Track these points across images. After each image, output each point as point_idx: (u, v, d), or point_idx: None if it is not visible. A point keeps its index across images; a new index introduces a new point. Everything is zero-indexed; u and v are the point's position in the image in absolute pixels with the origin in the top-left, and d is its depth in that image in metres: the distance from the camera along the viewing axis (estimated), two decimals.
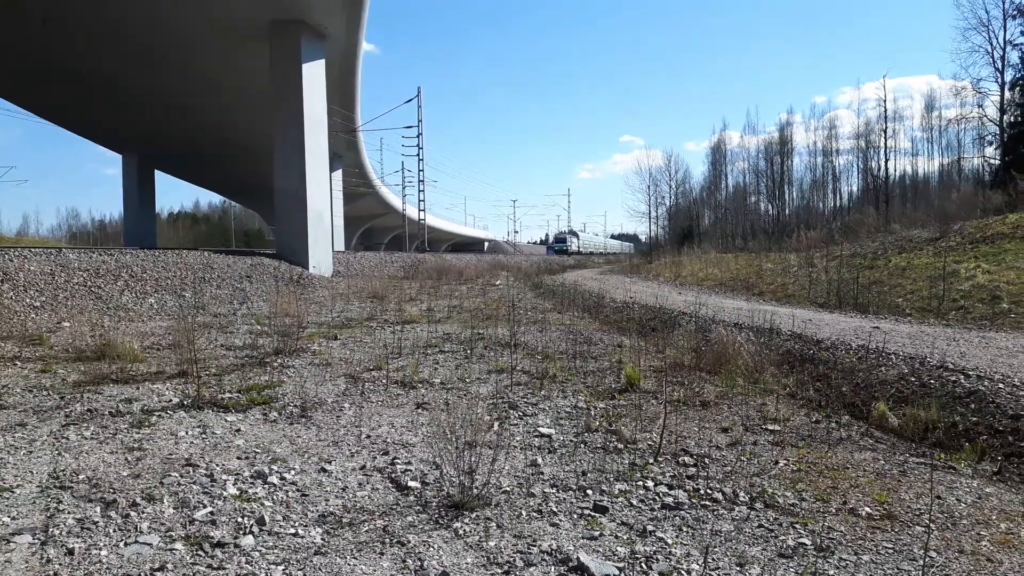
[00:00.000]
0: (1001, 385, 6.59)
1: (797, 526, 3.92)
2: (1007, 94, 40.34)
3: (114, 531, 3.70)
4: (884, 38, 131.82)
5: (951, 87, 50.52)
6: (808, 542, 3.69)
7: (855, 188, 61.16)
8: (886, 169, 52.07)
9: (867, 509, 4.17)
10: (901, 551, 3.63)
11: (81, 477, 4.53)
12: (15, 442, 5.29)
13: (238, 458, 5.04)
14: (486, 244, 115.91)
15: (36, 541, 3.56)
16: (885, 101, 51.25)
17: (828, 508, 4.21)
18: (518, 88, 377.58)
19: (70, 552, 3.44)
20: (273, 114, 24.98)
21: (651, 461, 5.08)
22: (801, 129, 63.18)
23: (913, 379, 7.21)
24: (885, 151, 51.90)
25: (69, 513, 3.93)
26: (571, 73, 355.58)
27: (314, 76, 24.70)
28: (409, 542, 3.63)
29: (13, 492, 4.24)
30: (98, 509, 3.98)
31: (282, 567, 3.36)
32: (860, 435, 5.95)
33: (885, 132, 51.84)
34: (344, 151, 43.64)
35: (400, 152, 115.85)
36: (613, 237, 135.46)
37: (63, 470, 4.66)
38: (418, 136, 45.41)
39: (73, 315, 12.74)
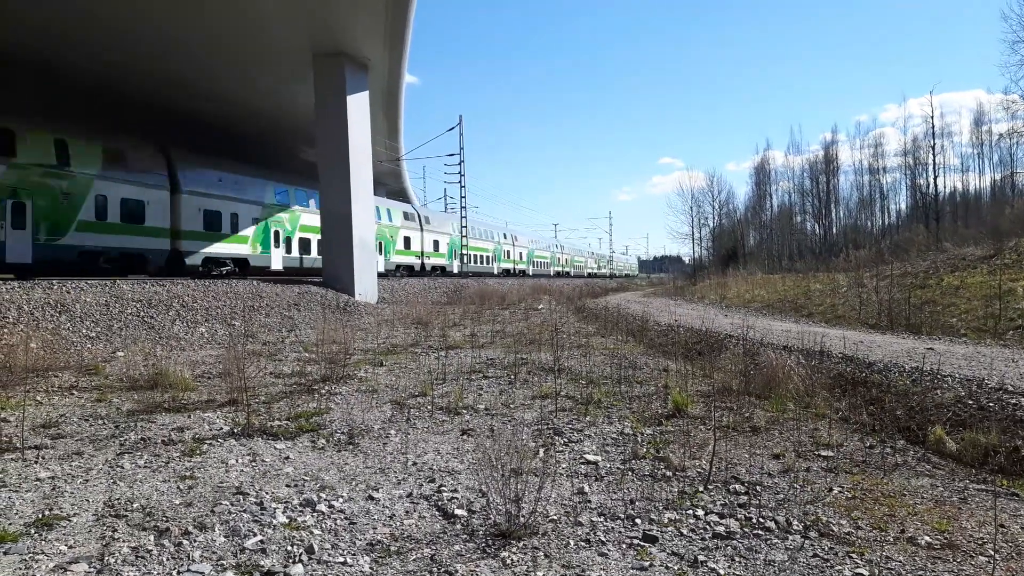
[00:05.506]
0: None
1: (853, 556, 3.81)
2: None
3: (167, 559, 3.76)
4: (928, 54, 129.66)
5: (1001, 101, 49.04)
6: (866, 573, 3.58)
7: (903, 206, 59.66)
8: (935, 186, 50.66)
9: (927, 538, 4.03)
10: None
11: (135, 505, 4.62)
12: (72, 471, 5.43)
13: (287, 486, 5.10)
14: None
15: (92, 570, 3.63)
16: (932, 116, 49.84)
17: (885, 537, 4.08)
18: (556, 111, 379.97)
19: None
20: (318, 144, 25.53)
21: (701, 489, 5.00)
22: (846, 148, 61.98)
23: (971, 402, 6.98)
24: (934, 168, 50.46)
25: (124, 541, 4.00)
26: (609, 96, 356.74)
27: (358, 106, 25.19)
28: (457, 572, 3.62)
29: (70, 520, 4.35)
30: (152, 537, 4.06)
31: None
32: (916, 460, 5.77)
33: (933, 148, 50.44)
34: (388, 179, 44.23)
35: (442, 179, 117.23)
36: (654, 259, 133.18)
37: (118, 498, 4.77)
38: (460, 164, 45.80)
39: (127, 345, 13.09)
